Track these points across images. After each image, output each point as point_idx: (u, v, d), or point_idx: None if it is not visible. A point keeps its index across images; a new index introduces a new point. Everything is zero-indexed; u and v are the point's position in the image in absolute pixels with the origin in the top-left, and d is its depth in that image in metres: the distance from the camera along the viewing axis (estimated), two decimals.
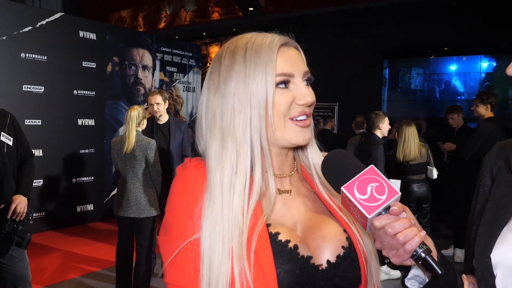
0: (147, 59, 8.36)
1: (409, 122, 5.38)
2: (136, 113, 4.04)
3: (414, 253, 0.84)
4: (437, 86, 11.05)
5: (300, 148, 1.14)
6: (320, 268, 0.99)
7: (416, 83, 11.23)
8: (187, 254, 0.96)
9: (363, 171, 0.89)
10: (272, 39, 1.03)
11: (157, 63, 8.58)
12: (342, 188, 0.88)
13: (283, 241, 0.98)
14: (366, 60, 10.77)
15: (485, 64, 10.30)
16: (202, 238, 0.95)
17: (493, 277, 0.94)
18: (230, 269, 0.93)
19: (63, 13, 7.10)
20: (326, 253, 1.02)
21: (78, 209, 7.23)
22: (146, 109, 4.55)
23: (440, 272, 0.83)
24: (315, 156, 1.14)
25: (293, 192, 1.10)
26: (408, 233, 0.84)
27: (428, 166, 5.33)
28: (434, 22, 9.78)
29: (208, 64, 13.63)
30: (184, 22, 13.31)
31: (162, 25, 13.69)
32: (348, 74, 10.67)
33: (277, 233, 0.99)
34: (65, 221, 6.98)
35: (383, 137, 5.11)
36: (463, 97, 10.60)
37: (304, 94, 1.02)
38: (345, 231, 1.05)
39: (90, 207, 7.38)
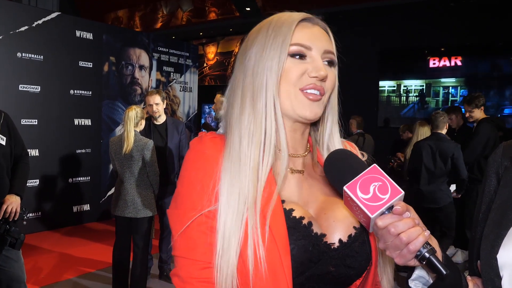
0: (144, 59, 8.34)
1: (423, 123, 5.53)
2: (134, 113, 4.03)
3: (418, 253, 0.83)
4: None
5: (322, 133, 1.15)
6: (332, 247, 1.00)
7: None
8: (200, 227, 0.96)
9: (365, 170, 0.88)
10: (297, 14, 1.07)
11: (154, 63, 8.56)
12: (345, 188, 0.87)
13: (297, 217, 0.99)
14: (362, 61, 10.79)
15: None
16: (220, 206, 0.95)
17: (500, 278, 0.94)
18: (242, 238, 0.93)
19: (59, 13, 7.07)
20: (338, 232, 1.02)
21: (75, 209, 7.20)
22: (143, 109, 4.53)
23: (445, 272, 0.82)
24: (335, 139, 1.15)
25: (305, 173, 1.11)
26: (411, 232, 0.83)
27: None
28: (432, 24, 9.80)
29: (204, 64, 13.61)
30: (181, 22, 13.28)
31: (159, 25, 13.66)
32: (346, 75, 10.66)
33: (292, 210, 1.00)
34: (61, 221, 6.95)
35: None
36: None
37: (318, 68, 1.03)
38: None
39: (86, 207, 7.36)
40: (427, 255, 0.82)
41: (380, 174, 0.87)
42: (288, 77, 1.03)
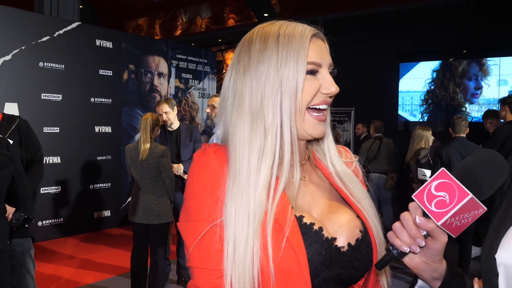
0: (163, 66, 8.44)
1: (424, 127, 5.69)
2: (150, 120, 4.09)
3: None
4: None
5: (318, 143, 1.18)
6: (342, 250, 1.04)
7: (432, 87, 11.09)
8: (212, 237, 0.99)
9: (434, 176, 0.88)
10: (304, 28, 1.07)
11: (173, 70, 8.66)
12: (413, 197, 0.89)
13: (308, 223, 1.02)
14: (382, 64, 10.70)
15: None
16: (227, 219, 0.98)
17: (497, 277, 0.93)
18: (257, 247, 0.95)
19: (80, 23, 7.23)
20: (345, 236, 1.06)
21: (95, 215, 7.32)
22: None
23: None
24: (331, 148, 1.17)
25: (307, 179, 1.14)
26: None
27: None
28: (450, 26, 9.68)
29: (223, 71, 13.71)
30: (200, 29, 13.42)
31: (178, 32, 13.82)
32: (364, 79, 10.62)
33: (302, 216, 1.03)
34: (82, 227, 7.07)
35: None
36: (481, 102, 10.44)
37: (330, 84, 1.06)
38: (358, 217, 1.10)
39: (107, 213, 7.47)
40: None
41: (448, 178, 0.86)
42: (304, 96, 1.04)
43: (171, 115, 4.70)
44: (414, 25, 10.22)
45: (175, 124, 4.80)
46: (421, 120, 10.92)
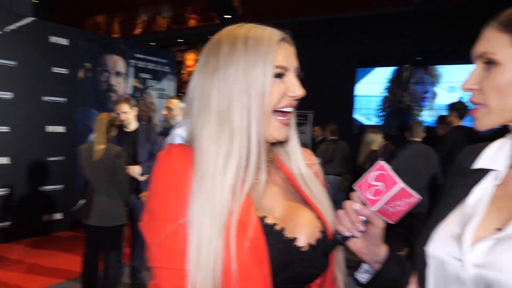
0: (121, 65, 8.29)
1: (376, 131, 5.95)
2: (105, 120, 4.01)
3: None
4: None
5: (283, 146, 1.21)
6: (303, 250, 1.07)
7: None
8: (176, 237, 1.00)
9: (372, 167, 0.97)
10: (272, 32, 1.09)
11: (131, 69, 8.51)
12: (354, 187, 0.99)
13: (270, 224, 1.05)
14: (339, 69, 10.91)
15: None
16: (191, 220, 0.99)
17: (428, 268, 1.03)
18: (220, 248, 0.98)
19: (34, 18, 6.99)
20: (306, 236, 1.10)
21: (46, 218, 7.07)
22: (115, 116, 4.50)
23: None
24: (297, 151, 1.21)
25: (269, 180, 1.16)
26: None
27: None
28: (406, 33, 9.97)
29: (183, 71, 13.59)
30: (161, 28, 13.26)
31: (138, 31, 13.60)
32: (323, 83, 10.79)
33: (264, 217, 1.06)
34: (31, 231, 6.81)
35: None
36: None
37: (296, 87, 1.10)
38: (319, 218, 1.14)
39: (59, 215, 7.24)
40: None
41: (384, 169, 0.96)
42: (269, 99, 1.06)
43: (129, 115, 4.63)
44: (373, 31, 10.47)
45: (133, 125, 4.72)
46: (377, 124, 11.20)
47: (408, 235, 5.23)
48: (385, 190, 0.94)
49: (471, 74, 1.01)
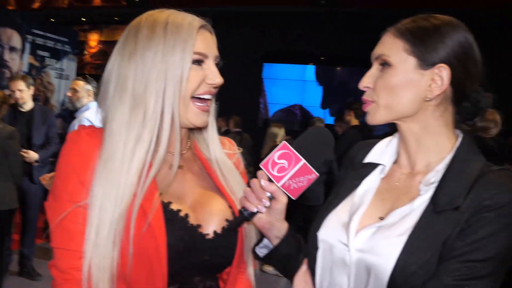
0: (16, 40, 7.72)
1: (278, 125, 6.10)
2: None
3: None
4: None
5: (201, 132, 1.22)
6: (207, 237, 1.10)
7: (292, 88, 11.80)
8: (76, 218, 1.01)
9: (277, 147, 1.04)
10: (192, 19, 1.10)
11: (27, 45, 7.96)
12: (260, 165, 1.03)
13: (175, 210, 1.07)
14: (246, 62, 11.08)
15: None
16: (92, 202, 1.00)
17: (317, 251, 1.13)
18: (120, 230, 0.99)
19: None
20: (213, 224, 1.12)
21: None
22: (9, 95, 4.23)
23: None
24: (214, 139, 1.23)
25: (185, 167, 1.18)
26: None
27: None
28: (313, 32, 10.39)
29: (86, 52, 12.97)
30: (62, 5, 12.48)
31: (36, 5, 12.67)
32: (229, 74, 10.87)
33: (170, 202, 1.08)
34: None
35: None
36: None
37: (215, 75, 1.11)
38: (230, 207, 1.17)
39: None
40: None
41: (288, 149, 1.03)
42: (189, 85, 1.07)
43: (25, 94, 4.37)
44: (281, 28, 10.75)
45: (28, 105, 4.47)
46: (281, 118, 11.56)
47: (305, 227, 5.49)
48: (289, 166, 1.01)
49: (367, 73, 1.10)
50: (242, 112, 8.04)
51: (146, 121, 1.05)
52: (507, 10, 7.39)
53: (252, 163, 7.08)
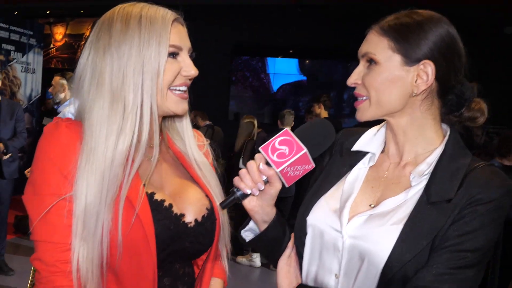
0: None
1: (249, 116, 6.15)
2: None
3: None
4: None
5: (174, 120, 1.25)
6: (189, 226, 1.14)
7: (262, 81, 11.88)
8: (60, 211, 1.02)
9: (278, 133, 1.06)
10: (165, 12, 1.12)
11: None
12: (260, 149, 1.04)
13: (159, 200, 1.10)
14: (215, 55, 11.09)
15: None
16: (77, 195, 1.00)
17: (305, 236, 1.16)
18: (108, 222, 1.01)
19: None
20: (193, 213, 1.16)
21: None
22: None
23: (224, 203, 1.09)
24: (188, 130, 1.25)
25: (161, 158, 1.21)
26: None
27: None
28: (281, 25, 10.47)
29: (51, 45, 12.70)
30: None
31: None
32: (199, 67, 10.85)
33: (153, 193, 1.10)
34: None
35: None
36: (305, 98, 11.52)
37: (190, 67, 1.14)
38: (207, 196, 1.20)
39: None
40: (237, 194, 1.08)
41: (289, 135, 1.05)
42: (165, 77, 1.09)
43: None
44: (251, 19, 10.77)
45: None
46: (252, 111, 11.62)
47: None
48: (289, 153, 1.02)
49: (355, 70, 1.12)
50: (213, 105, 8.06)
51: (126, 114, 1.06)
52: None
53: (225, 156, 7.13)
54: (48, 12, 12.82)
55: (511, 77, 7.84)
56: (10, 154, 4.32)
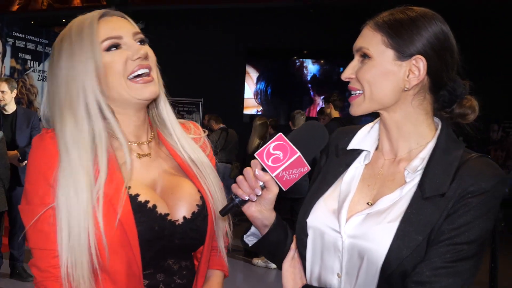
0: None
1: (261, 118, 6.15)
2: None
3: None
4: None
5: (159, 116, 1.26)
6: (177, 223, 1.16)
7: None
8: (48, 219, 1.06)
9: (272, 139, 1.07)
10: (92, 14, 1.14)
11: (8, 48, 7.90)
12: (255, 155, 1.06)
13: (142, 201, 1.12)
14: (230, 58, 11.12)
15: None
16: (59, 205, 1.04)
17: (307, 237, 1.17)
18: (90, 226, 1.03)
19: None
20: (182, 210, 1.18)
21: None
22: None
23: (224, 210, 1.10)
24: (175, 127, 1.26)
25: (153, 155, 1.23)
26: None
27: None
28: (296, 26, 10.46)
29: None
30: (41, 7, 12.36)
31: (15, 7, 12.54)
32: (213, 71, 10.91)
33: (137, 195, 1.12)
34: None
35: None
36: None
37: (136, 50, 1.13)
38: (199, 191, 1.22)
39: None
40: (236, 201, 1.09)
41: (283, 140, 1.06)
42: (114, 70, 1.11)
43: (7, 96, 4.39)
44: (264, 23, 10.79)
45: (11, 107, 4.48)
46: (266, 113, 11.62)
47: (293, 219, 5.56)
48: (283, 158, 1.03)
49: (349, 65, 1.13)
50: (228, 107, 8.08)
51: (78, 124, 1.09)
52: None
53: (240, 158, 7.14)
54: (63, 20, 13.01)
55: None
56: (25, 162, 4.37)
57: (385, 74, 1.07)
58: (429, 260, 0.98)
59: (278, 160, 1.04)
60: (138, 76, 1.13)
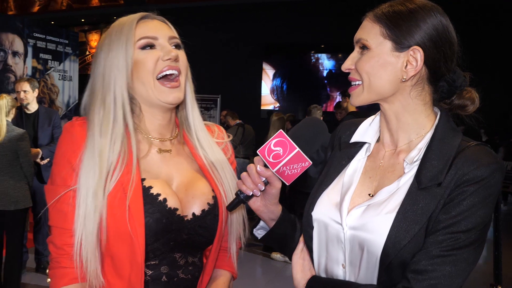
0: (18, 44, 7.81)
1: (278, 114, 6.13)
2: (5, 102, 3.89)
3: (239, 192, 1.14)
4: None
5: (186, 119, 1.33)
6: (185, 219, 1.21)
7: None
8: (68, 200, 1.15)
9: (274, 136, 1.10)
10: (134, 15, 1.24)
11: (29, 49, 8.06)
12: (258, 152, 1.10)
13: (154, 194, 1.18)
14: (247, 54, 11.16)
15: None
16: (80, 187, 1.12)
17: (312, 230, 1.20)
18: (105, 212, 1.11)
19: None
20: (193, 207, 1.23)
21: None
22: (16, 98, 4.37)
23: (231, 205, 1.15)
24: (197, 123, 1.33)
25: (173, 151, 1.29)
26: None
27: None
28: (312, 21, 10.43)
29: (87, 52, 13.08)
30: (61, 7, 12.59)
31: (35, 8, 12.79)
32: (230, 68, 10.97)
33: (150, 187, 1.18)
34: None
35: None
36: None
37: (168, 51, 1.21)
38: (213, 190, 1.27)
39: None
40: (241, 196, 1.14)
41: (283, 137, 1.09)
42: (144, 67, 1.19)
43: (29, 95, 4.51)
44: (281, 19, 10.79)
45: (33, 106, 4.60)
46: (283, 108, 11.64)
47: None
48: (284, 154, 1.06)
49: (349, 56, 1.15)
50: (246, 103, 8.12)
51: (105, 111, 1.19)
52: None
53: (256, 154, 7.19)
54: (82, 20, 13.22)
55: None
56: (47, 160, 4.50)
57: (383, 65, 1.08)
58: (427, 249, 0.99)
59: (279, 156, 1.07)
60: (167, 77, 1.21)
